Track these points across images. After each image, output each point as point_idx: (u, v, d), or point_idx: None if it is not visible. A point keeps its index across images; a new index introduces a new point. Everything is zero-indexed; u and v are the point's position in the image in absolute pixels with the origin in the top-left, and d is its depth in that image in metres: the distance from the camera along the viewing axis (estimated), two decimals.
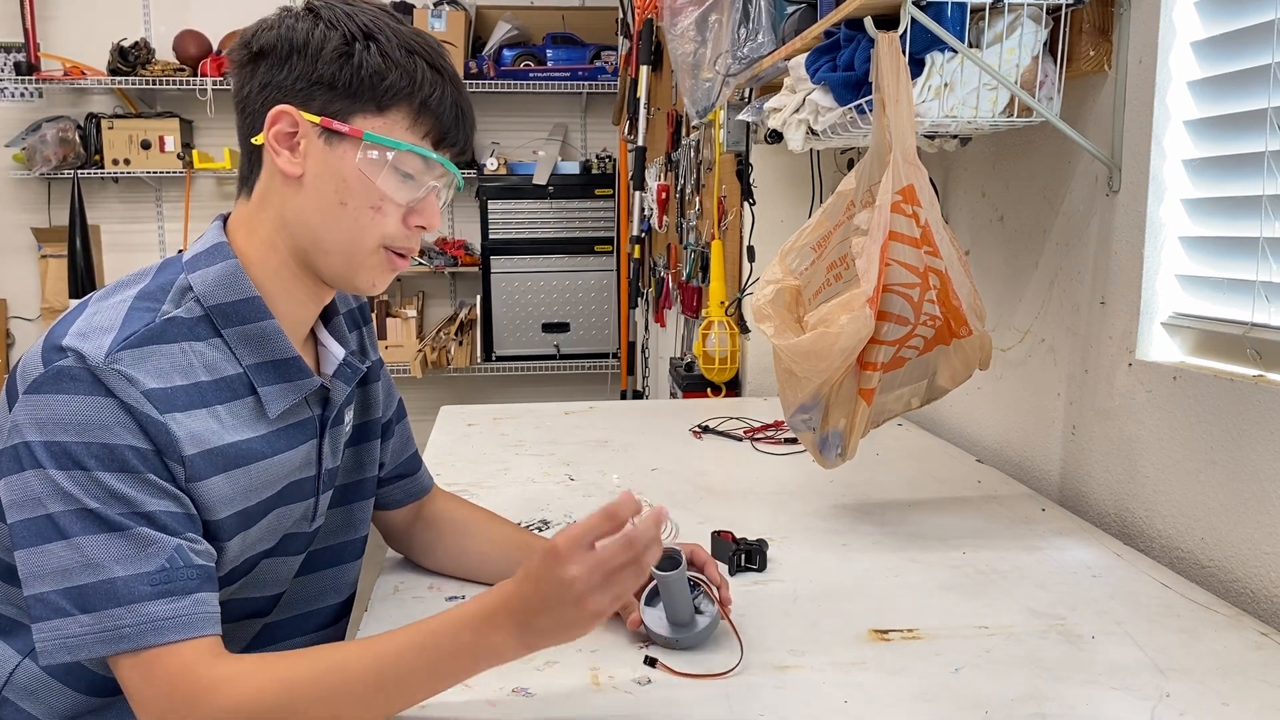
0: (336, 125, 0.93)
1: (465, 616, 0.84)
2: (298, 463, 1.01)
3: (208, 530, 0.91)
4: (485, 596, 0.84)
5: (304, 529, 1.06)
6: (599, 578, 0.80)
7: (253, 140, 0.96)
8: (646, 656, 0.97)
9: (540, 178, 4.77)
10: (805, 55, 1.60)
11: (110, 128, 4.58)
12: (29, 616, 0.84)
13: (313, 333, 1.07)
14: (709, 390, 2.58)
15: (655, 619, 1.01)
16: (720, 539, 1.24)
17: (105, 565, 0.82)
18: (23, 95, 4.78)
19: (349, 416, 1.11)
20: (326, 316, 1.08)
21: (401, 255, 0.99)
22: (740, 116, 2.07)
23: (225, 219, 1.01)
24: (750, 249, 2.52)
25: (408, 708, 0.86)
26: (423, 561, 1.24)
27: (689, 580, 1.00)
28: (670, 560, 0.98)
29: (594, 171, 4.89)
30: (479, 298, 4.90)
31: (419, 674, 0.84)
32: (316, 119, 0.93)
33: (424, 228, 0.99)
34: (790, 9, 1.76)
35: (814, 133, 1.64)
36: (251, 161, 0.98)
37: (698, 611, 1.01)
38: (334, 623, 1.16)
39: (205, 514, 0.91)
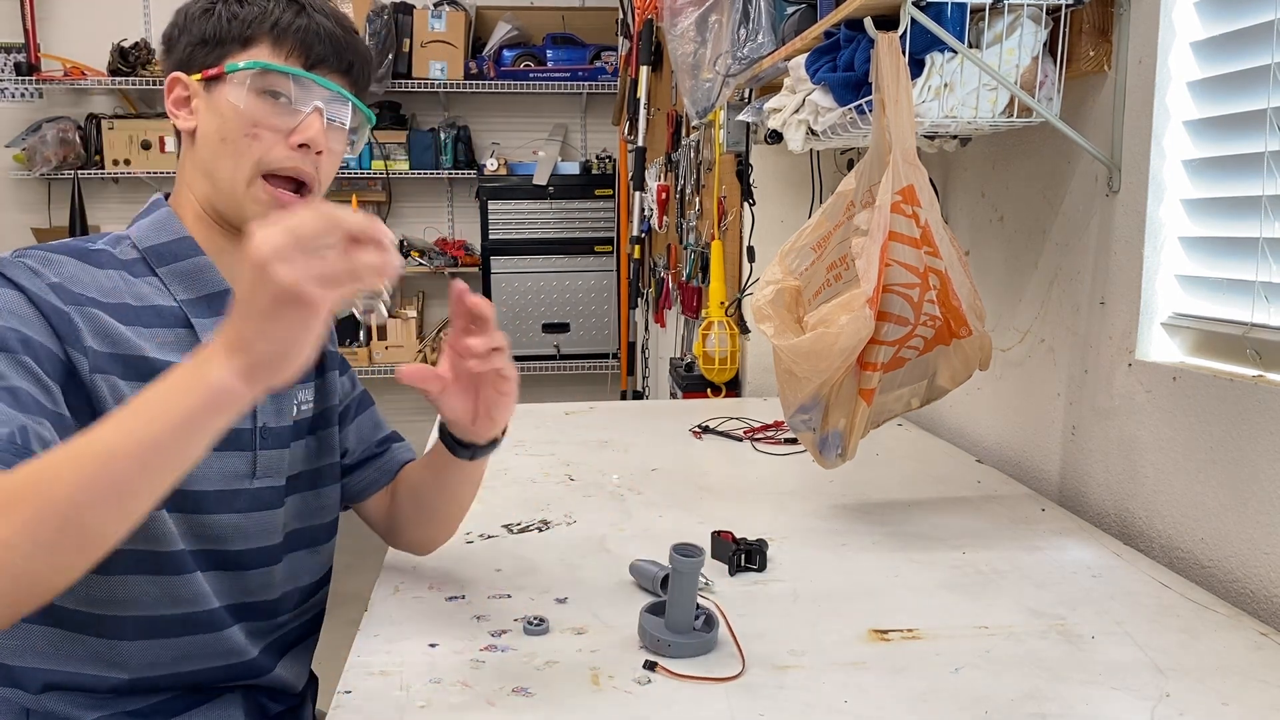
0: (209, 72, 1.02)
1: (179, 367, 0.75)
2: None
3: None
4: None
5: (244, 485, 1.05)
6: (285, 240, 0.70)
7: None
8: (647, 660, 0.97)
9: (540, 178, 4.77)
10: (805, 55, 1.60)
11: (110, 128, 4.58)
12: None
13: None
14: (709, 390, 2.58)
15: (654, 624, 1.01)
16: (720, 539, 1.24)
17: None
18: (23, 95, 4.79)
19: (308, 398, 1.14)
20: None
21: (295, 189, 1.03)
22: (740, 117, 2.07)
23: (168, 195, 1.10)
24: (750, 249, 2.52)
25: (146, 487, 0.74)
26: (412, 544, 1.23)
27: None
28: (690, 550, 0.98)
29: (594, 172, 4.89)
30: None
31: (143, 444, 0.71)
32: (198, 76, 1.02)
33: (308, 146, 1.01)
34: (790, 9, 1.76)
35: (814, 133, 1.64)
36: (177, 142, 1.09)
37: (701, 623, 1.01)
38: (312, 596, 1.19)
39: (101, 407, 0.92)
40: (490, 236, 4.80)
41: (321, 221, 0.72)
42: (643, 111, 3.84)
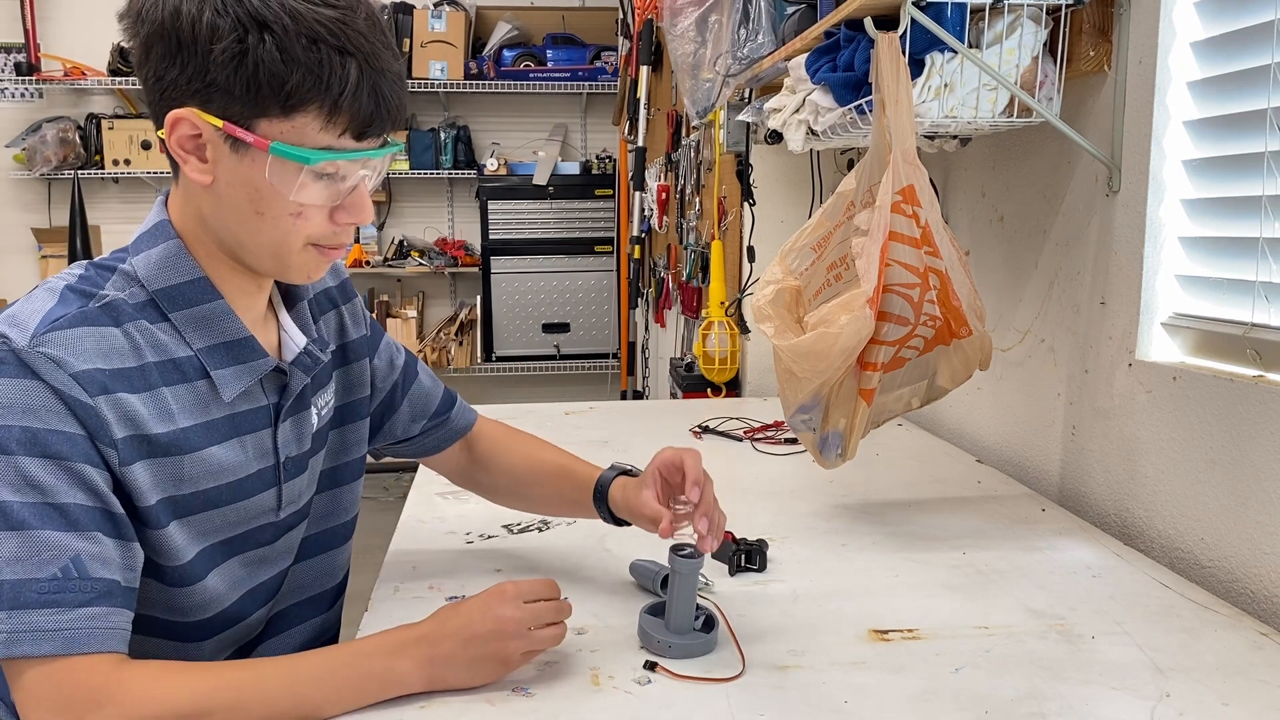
0: (240, 134, 0.84)
1: (377, 644, 0.91)
2: (249, 452, 0.98)
3: (142, 516, 0.89)
4: (404, 628, 0.93)
5: (270, 519, 1.02)
6: (528, 625, 0.91)
7: (159, 134, 0.88)
8: (647, 661, 0.97)
9: (540, 178, 4.78)
10: (805, 56, 1.60)
11: (110, 128, 4.58)
12: None
13: (276, 317, 1.03)
14: (709, 390, 2.58)
15: (654, 625, 1.01)
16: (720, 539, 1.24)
17: None
18: (23, 95, 4.79)
19: (324, 401, 1.08)
20: (292, 300, 1.05)
21: (335, 249, 0.95)
22: (740, 117, 2.07)
23: (168, 195, 0.96)
24: (750, 249, 2.52)
25: None
26: (498, 501, 1.30)
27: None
28: (689, 551, 0.98)
29: (594, 172, 4.89)
30: (479, 298, 4.90)
31: (327, 693, 0.88)
32: (219, 123, 0.84)
33: (355, 223, 0.93)
34: (790, 9, 1.76)
35: (814, 133, 1.64)
36: (169, 156, 0.90)
37: (701, 624, 1.01)
38: (330, 607, 1.16)
39: (136, 499, 0.88)
40: (490, 236, 4.81)
41: (558, 615, 0.94)
42: (643, 111, 3.84)
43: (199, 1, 0.82)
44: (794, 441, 1.86)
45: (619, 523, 1.16)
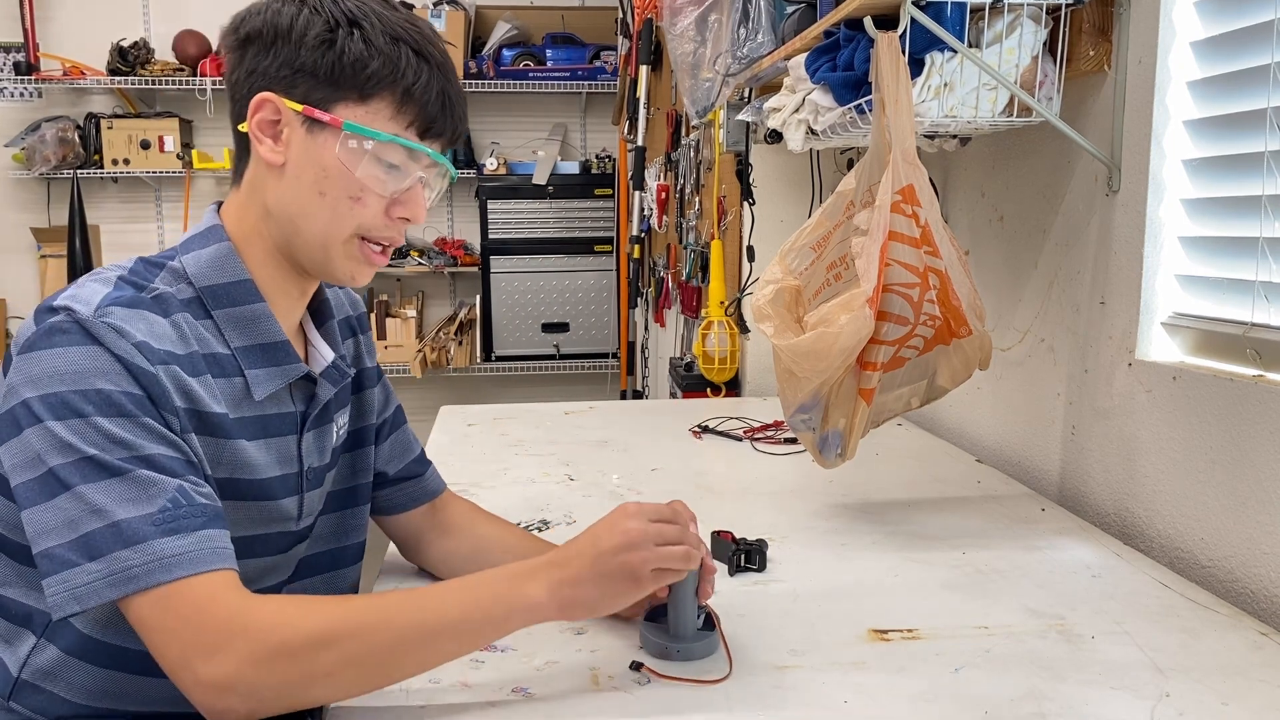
0: (318, 114, 0.93)
1: (506, 570, 0.89)
2: (274, 456, 1.00)
3: None
4: (530, 559, 0.90)
5: (290, 527, 1.04)
6: (654, 538, 0.89)
7: (239, 127, 0.97)
8: (633, 662, 0.96)
9: (540, 178, 4.77)
10: (805, 55, 1.60)
11: (110, 128, 4.58)
12: (39, 578, 0.84)
13: (305, 334, 1.07)
14: (709, 390, 2.58)
15: (656, 630, 1.00)
16: (720, 539, 1.24)
17: (109, 510, 0.82)
18: (22, 95, 4.78)
19: (342, 421, 1.11)
20: (321, 319, 1.09)
21: (382, 251, 1.00)
22: (740, 116, 2.07)
23: (220, 205, 1.02)
24: (750, 249, 2.52)
25: (440, 660, 0.88)
26: (437, 571, 1.20)
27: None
28: None
29: (594, 171, 4.89)
30: (479, 298, 4.90)
31: (455, 626, 0.86)
32: (299, 107, 0.93)
33: (407, 219, 0.98)
34: (790, 9, 1.76)
35: (814, 133, 1.64)
36: (241, 149, 0.99)
37: (702, 624, 1.01)
38: None
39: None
40: (490, 236, 4.80)
41: (682, 535, 0.92)
42: (642, 111, 3.84)
43: (295, 8, 0.94)
44: (794, 441, 1.86)
45: None
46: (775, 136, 1.80)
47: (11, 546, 0.95)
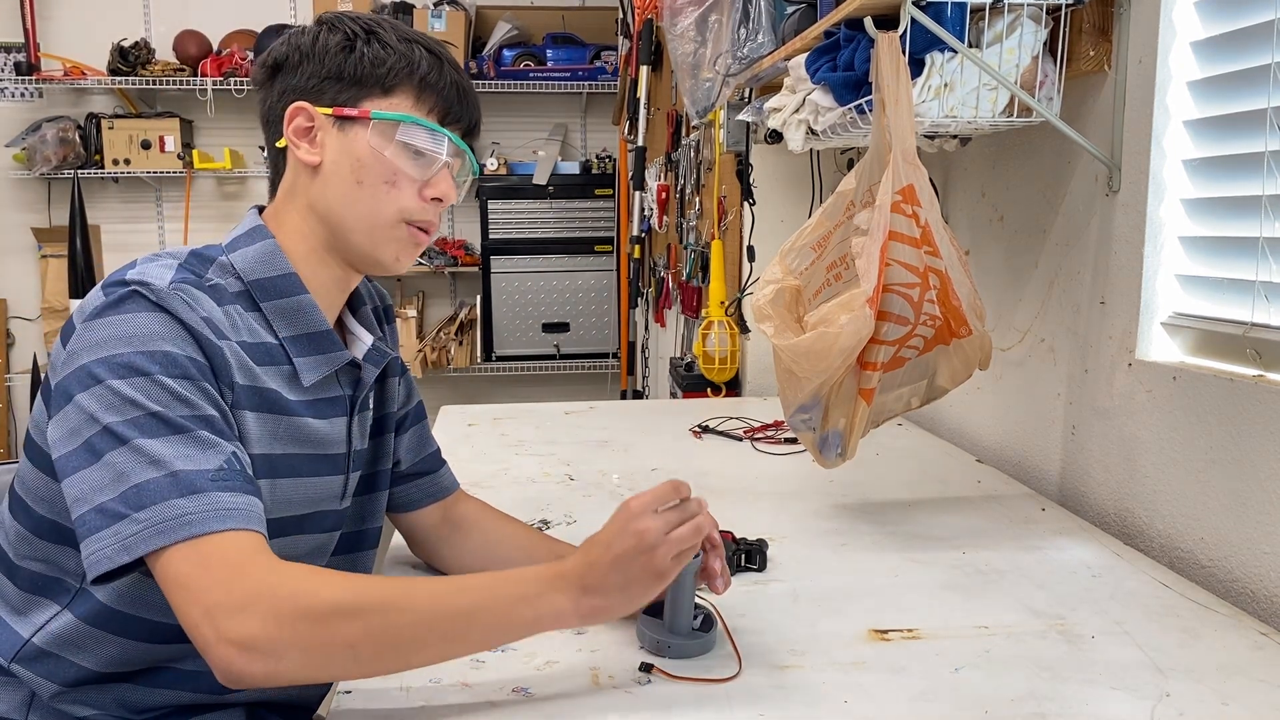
0: (347, 111, 1.00)
1: (533, 575, 0.90)
2: (329, 434, 1.04)
3: None
4: (555, 563, 0.91)
5: (335, 506, 1.08)
6: (667, 531, 0.89)
7: (276, 144, 1.04)
8: (642, 663, 0.97)
9: (540, 178, 4.77)
10: (805, 55, 1.60)
11: (110, 128, 4.57)
12: (76, 541, 0.85)
13: (342, 324, 1.11)
14: (709, 390, 2.58)
15: (652, 625, 1.01)
16: (720, 539, 1.24)
17: (168, 461, 0.84)
18: (23, 95, 4.78)
19: (372, 405, 1.14)
20: (354, 308, 1.13)
21: (424, 231, 1.05)
22: (740, 116, 2.07)
23: (261, 209, 1.07)
24: (750, 249, 2.52)
25: (459, 653, 0.89)
26: (446, 567, 1.22)
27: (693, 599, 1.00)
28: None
29: (594, 171, 4.88)
30: (479, 298, 4.89)
31: (478, 619, 0.87)
32: (329, 110, 1.01)
33: (440, 200, 1.04)
34: (790, 9, 1.76)
35: (814, 133, 1.64)
36: (278, 166, 1.06)
37: (699, 623, 1.01)
38: None
39: (243, 442, 0.94)
40: (490, 236, 4.80)
41: (688, 512, 0.91)
42: (643, 111, 3.84)
43: (316, 31, 1.03)
44: (794, 441, 1.86)
45: None
46: (775, 136, 1.80)
47: (37, 520, 0.98)
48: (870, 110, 1.36)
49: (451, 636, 0.86)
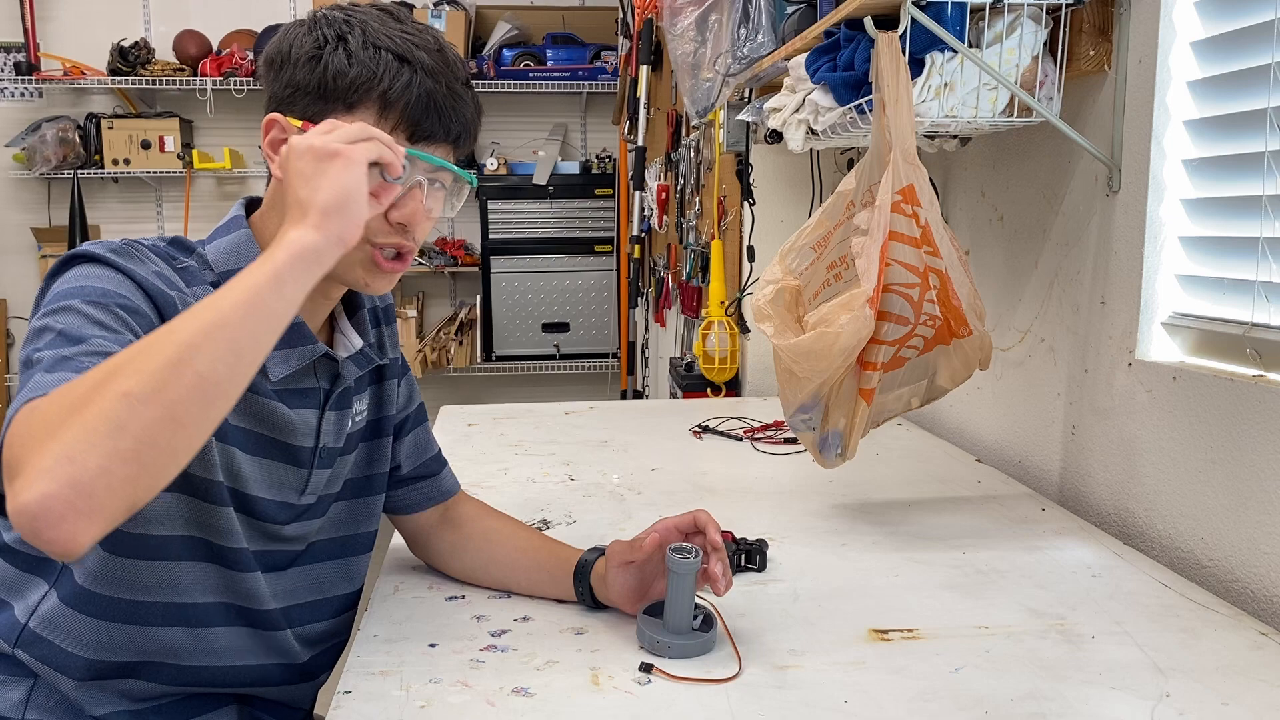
0: (311, 127, 0.92)
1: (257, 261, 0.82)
2: (296, 423, 1.03)
3: None
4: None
5: (293, 499, 1.06)
6: (312, 136, 0.85)
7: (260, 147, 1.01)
8: (642, 663, 0.97)
9: (540, 178, 4.77)
10: (805, 55, 1.60)
11: (110, 128, 4.57)
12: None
13: (335, 322, 1.10)
14: (709, 390, 2.58)
15: (652, 625, 1.01)
16: (721, 540, 1.24)
17: (87, 331, 0.83)
18: (23, 95, 4.78)
19: (362, 408, 1.13)
20: (351, 309, 1.12)
21: (398, 258, 0.99)
22: (740, 116, 2.07)
23: (250, 200, 1.06)
24: (750, 249, 2.52)
25: (239, 350, 0.76)
26: (447, 568, 1.21)
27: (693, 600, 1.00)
28: (687, 551, 0.98)
29: (594, 171, 4.88)
30: (479, 298, 4.90)
31: (235, 292, 0.77)
32: (298, 124, 0.96)
33: (404, 225, 0.97)
34: (790, 9, 1.76)
35: (814, 133, 1.64)
36: (268, 168, 1.04)
37: (699, 623, 1.01)
38: (343, 612, 1.17)
39: None
40: (490, 236, 4.80)
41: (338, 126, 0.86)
42: (643, 111, 3.84)
43: (300, 30, 0.98)
44: (794, 441, 1.86)
45: (596, 604, 1.10)
46: (775, 136, 1.80)
47: None
48: (870, 110, 1.36)
49: (229, 323, 0.75)
